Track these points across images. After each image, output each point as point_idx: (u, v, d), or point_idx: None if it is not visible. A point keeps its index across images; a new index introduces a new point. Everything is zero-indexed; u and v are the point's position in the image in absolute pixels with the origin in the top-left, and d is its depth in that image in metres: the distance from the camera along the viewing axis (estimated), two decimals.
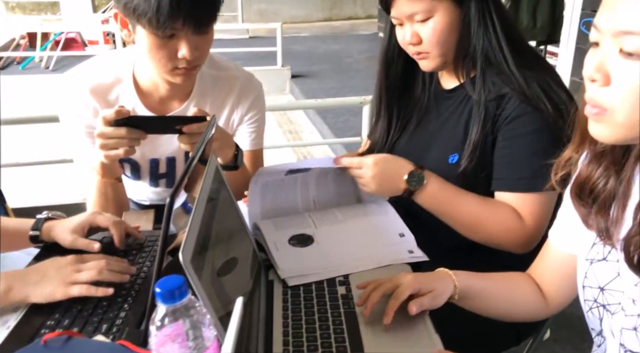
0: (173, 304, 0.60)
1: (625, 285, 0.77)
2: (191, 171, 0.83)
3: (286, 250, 1.06)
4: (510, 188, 1.12)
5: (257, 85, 1.40)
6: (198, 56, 1.13)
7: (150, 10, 1.03)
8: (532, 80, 1.09)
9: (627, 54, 0.64)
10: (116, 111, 1.07)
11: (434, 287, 0.88)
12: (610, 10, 0.65)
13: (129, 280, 0.98)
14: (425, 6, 1.09)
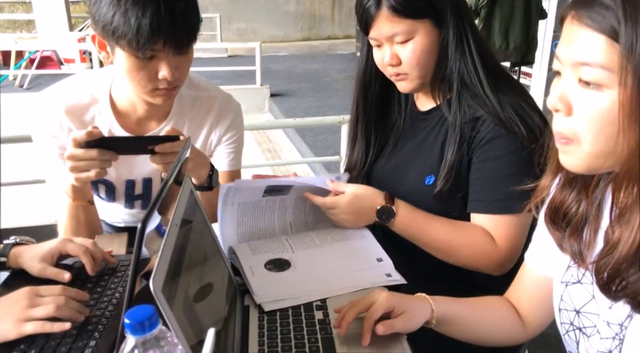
0: (143, 336, 0.58)
1: (600, 307, 0.77)
2: (165, 193, 0.82)
3: (262, 274, 1.04)
4: (485, 210, 1.13)
5: (236, 105, 1.39)
6: (178, 76, 1.12)
7: (130, 32, 1.02)
8: (506, 104, 1.11)
9: (585, 84, 0.66)
10: (87, 132, 1.05)
11: (407, 307, 0.87)
12: (568, 43, 0.67)
13: (100, 307, 0.95)
14: (406, 27, 1.10)
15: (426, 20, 1.10)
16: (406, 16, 1.09)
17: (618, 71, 0.62)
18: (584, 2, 0.66)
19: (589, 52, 0.65)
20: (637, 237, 0.65)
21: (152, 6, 1.01)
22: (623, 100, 0.63)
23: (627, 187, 0.66)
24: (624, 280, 0.68)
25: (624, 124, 0.63)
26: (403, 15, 1.08)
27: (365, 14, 1.12)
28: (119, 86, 1.23)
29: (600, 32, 0.64)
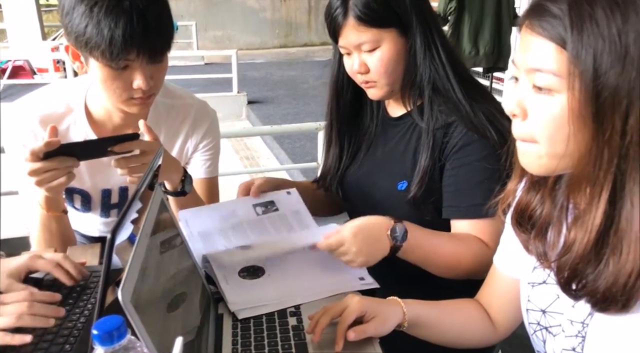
0: (111, 346, 0.58)
1: (564, 307, 0.79)
2: (136, 202, 0.82)
3: (236, 282, 1.04)
4: (463, 215, 1.14)
5: (212, 113, 1.39)
6: (153, 85, 1.12)
7: (103, 43, 1.02)
8: (477, 109, 1.13)
9: (538, 89, 0.69)
10: (45, 143, 1.02)
11: (379, 311, 0.88)
12: (523, 50, 0.70)
13: (72, 319, 0.94)
14: (372, 36, 1.11)
15: (392, 29, 1.12)
16: (372, 25, 1.10)
17: (566, 77, 0.65)
18: (536, 11, 0.68)
19: (541, 59, 0.68)
20: (592, 237, 0.68)
21: (124, 16, 1.01)
22: (572, 104, 0.65)
23: (581, 189, 0.69)
24: (582, 279, 0.70)
25: (574, 127, 0.66)
26: (369, 24, 1.10)
27: (333, 22, 1.14)
28: (94, 95, 1.22)
29: (550, 40, 0.66)
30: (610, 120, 0.64)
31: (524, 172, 0.82)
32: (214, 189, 1.42)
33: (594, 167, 0.66)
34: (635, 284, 0.65)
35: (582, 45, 0.63)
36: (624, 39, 0.62)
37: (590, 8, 0.63)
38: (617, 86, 0.63)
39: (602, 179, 0.66)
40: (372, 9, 1.09)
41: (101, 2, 1.01)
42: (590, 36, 0.63)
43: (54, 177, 1.05)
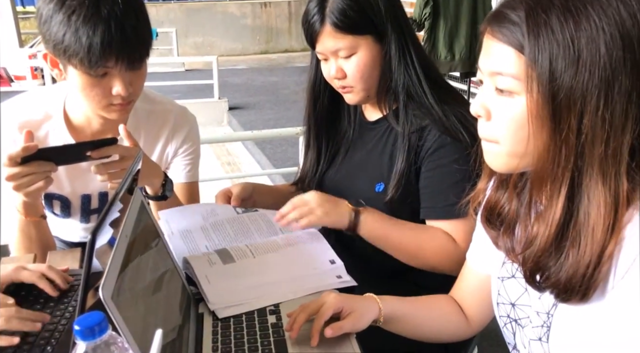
0: (93, 341, 0.60)
1: (531, 299, 0.83)
2: (115, 206, 0.84)
3: (218, 282, 1.06)
4: (439, 216, 1.18)
5: (191, 118, 1.41)
6: (132, 92, 1.14)
7: (82, 51, 1.03)
8: (449, 113, 1.17)
9: (500, 91, 0.73)
10: (23, 148, 1.03)
11: (356, 307, 0.91)
12: (485, 55, 0.74)
13: (53, 321, 0.95)
14: (348, 43, 1.15)
15: (367, 36, 1.16)
16: (348, 32, 1.14)
17: (524, 80, 0.69)
18: (496, 18, 0.72)
19: (501, 63, 0.71)
20: (552, 231, 0.71)
21: (102, 24, 1.03)
22: (530, 105, 0.69)
23: (542, 186, 0.72)
24: (545, 272, 0.74)
25: (533, 127, 0.70)
26: (345, 31, 1.13)
27: (311, 29, 1.17)
28: (73, 102, 1.24)
29: (509, 45, 0.70)
30: (567, 120, 0.67)
31: (492, 171, 0.86)
32: (194, 194, 1.44)
33: (553, 164, 0.69)
34: (593, 275, 0.69)
35: (539, 50, 0.67)
36: (577, 43, 0.66)
37: (545, 15, 0.67)
38: (571, 88, 0.66)
39: (560, 176, 0.69)
40: (349, 17, 1.12)
41: (79, 10, 1.02)
42: (545, 41, 0.67)
43: (31, 181, 1.05)
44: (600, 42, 0.65)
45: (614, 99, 0.66)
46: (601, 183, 0.67)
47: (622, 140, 0.67)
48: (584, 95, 0.66)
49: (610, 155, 0.67)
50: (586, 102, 0.66)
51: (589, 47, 0.65)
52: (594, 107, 0.66)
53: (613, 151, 0.67)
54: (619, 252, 0.68)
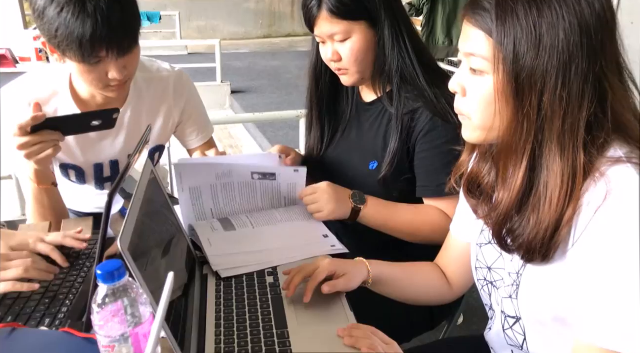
0: (113, 284, 0.68)
1: (505, 262, 0.92)
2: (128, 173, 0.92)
3: (219, 246, 1.15)
4: (433, 194, 1.27)
5: (188, 80, 1.51)
6: (127, 73, 1.21)
7: (74, 45, 1.10)
8: (440, 96, 1.24)
9: (473, 71, 0.80)
10: (32, 118, 1.10)
11: (348, 270, 1.00)
12: (463, 37, 0.82)
13: (71, 280, 1.04)
14: (343, 28, 1.22)
15: (362, 21, 1.22)
16: (343, 18, 1.20)
17: (492, 60, 0.76)
18: (472, 5, 0.80)
19: (474, 45, 0.79)
20: (514, 197, 0.79)
21: (90, 19, 1.09)
22: (497, 84, 0.77)
23: (506, 157, 0.80)
24: (510, 234, 0.82)
25: (499, 103, 0.77)
26: (340, 17, 1.20)
27: (309, 14, 1.24)
28: (77, 79, 1.31)
29: (480, 29, 0.78)
30: (528, 97, 0.75)
31: (474, 145, 0.94)
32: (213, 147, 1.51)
33: (516, 137, 0.77)
34: (552, 237, 0.77)
35: (505, 34, 0.75)
36: (539, 29, 0.73)
37: (512, 3, 0.74)
38: (532, 68, 0.74)
39: (522, 148, 0.77)
40: (343, 3, 1.19)
41: (67, 7, 1.09)
42: (511, 27, 0.74)
43: (41, 149, 1.14)
44: (559, 29, 0.72)
45: (571, 79, 0.73)
46: (559, 156, 0.75)
47: (579, 117, 0.74)
48: (544, 76, 0.73)
49: (568, 130, 0.74)
50: (546, 82, 0.73)
51: (550, 33, 0.73)
52: (552, 86, 0.73)
53: (570, 127, 0.74)
54: (577, 217, 0.75)
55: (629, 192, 0.71)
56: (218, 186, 1.29)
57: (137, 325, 0.70)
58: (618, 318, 0.71)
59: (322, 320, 0.94)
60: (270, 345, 0.88)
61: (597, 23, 0.74)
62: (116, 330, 0.69)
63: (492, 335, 1.00)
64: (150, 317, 0.72)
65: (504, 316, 0.93)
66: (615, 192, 0.72)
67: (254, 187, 1.32)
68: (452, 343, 1.26)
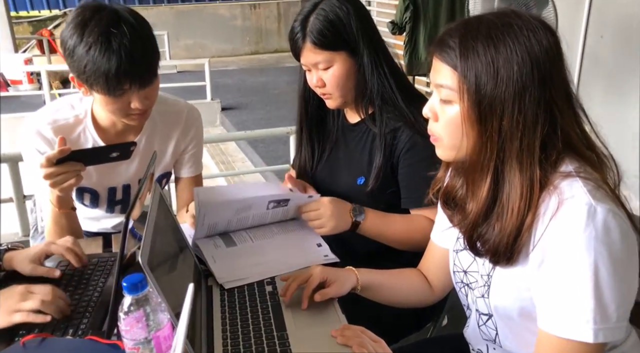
0: (136, 294, 0.80)
1: (478, 266, 1.03)
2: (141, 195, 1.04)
3: (222, 261, 1.26)
4: (417, 205, 1.39)
5: (198, 116, 1.63)
6: (148, 103, 1.33)
7: (101, 80, 1.22)
8: (418, 115, 1.36)
9: (442, 101, 0.93)
10: (60, 151, 1.21)
11: (338, 277, 1.12)
12: (433, 71, 0.94)
13: (88, 294, 1.14)
14: (325, 57, 1.34)
15: (342, 51, 1.34)
16: (324, 49, 1.33)
17: (458, 91, 0.88)
18: (439, 43, 0.91)
19: (442, 78, 0.90)
20: (480, 207, 0.91)
21: (115, 56, 1.21)
22: (462, 111, 0.88)
23: (473, 173, 0.92)
24: (479, 239, 0.94)
25: (465, 127, 0.89)
26: (322, 47, 1.32)
27: (294, 44, 1.37)
28: (98, 108, 1.42)
29: (447, 64, 0.89)
30: (490, 122, 0.86)
31: (448, 162, 1.06)
32: (199, 184, 1.66)
33: (480, 156, 0.89)
34: (515, 242, 0.88)
35: (467, 68, 0.86)
36: (496, 63, 0.85)
37: (473, 42, 0.87)
38: (492, 97, 0.85)
39: (486, 165, 0.89)
40: (324, 35, 1.31)
41: (95, 46, 1.21)
42: (472, 62, 0.86)
43: (65, 179, 1.25)
44: (513, 62, 0.84)
45: (525, 105, 0.85)
46: (519, 171, 0.87)
47: (534, 137, 0.86)
48: (502, 103, 0.85)
49: (525, 149, 0.86)
50: (504, 108, 0.85)
51: (505, 66, 0.84)
52: (510, 112, 0.85)
53: (527, 146, 0.86)
54: (536, 225, 0.87)
55: (575, 202, 0.83)
56: (234, 219, 1.38)
57: (157, 329, 0.81)
58: (570, 310, 0.84)
59: (317, 322, 1.06)
60: (271, 345, 0.99)
61: (545, 57, 0.85)
62: (140, 334, 0.80)
63: (469, 332, 1.12)
64: (168, 323, 0.83)
65: (478, 314, 1.05)
66: (565, 202, 0.84)
67: (267, 213, 1.41)
68: (435, 341, 1.38)
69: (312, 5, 1.36)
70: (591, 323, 0.82)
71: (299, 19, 1.36)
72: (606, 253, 0.81)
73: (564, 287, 0.84)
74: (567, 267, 0.83)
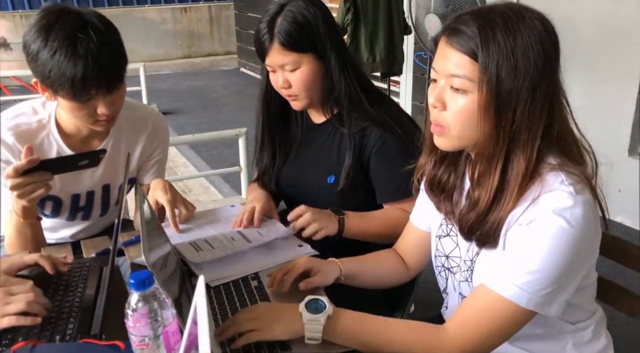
0: (143, 291, 0.80)
1: (461, 252, 1.09)
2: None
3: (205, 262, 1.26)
4: (392, 199, 1.45)
5: (165, 125, 1.61)
6: (115, 109, 1.30)
7: (66, 85, 1.19)
8: (383, 114, 1.42)
9: (455, 90, 0.92)
10: (28, 161, 1.16)
11: (322, 268, 1.15)
12: (443, 59, 0.93)
13: (68, 300, 1.12)
14: (293, 59, 1.37)
15: (310, 54, 1.37)
16: (292, 50, 1.35)
17: (477, 82, 0.88)
18: (453, 31, 0.90)
19: (458, 68, 0.90)
20: (491, 195, 0.93)
21: (81, 61, 1.18)
22: (480, 101, 0.89)
23: (483, 161, 0.94)
24: (479, 229, 0.97)
25: (480, 117, 0.90)
26: (290, 49, 1.35)
27: (261, 45, 1.39)
28: (63, 112, 1.37)
29: (465, 54, 0.89)
30: (505, 113, 0.88)
31: (432, 150, 1.08)
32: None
33: (493, 145, 0.91)
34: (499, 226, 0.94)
35: (489, 59, 0.86)
36: (515, 55, 0.85)
37: (492, 32, 0.86)
38: (510, 89, 0.86)
39: (498, 154, 0.91)
40: (293, 37, 1.34)
41: (60, 50, 1.18)
42: (494, 52, 0.86)
43: (34, 189, 1.20)
44: (530, 54, 0.86)
45: (538, 97, 0.87)
46: (522, 160, 0.90)
47: (538, 128, 0.89)
48: (518, 95, 0.87)
49: (530, 139, 0.89)
50: (519, 100, 0.87)
51: (523, 58, 0.86)
52: (523, 103, 0.87)
53: (533, 136, 0.89)
54: (518, 209, 0.91)
55: (557, 191, 0.89)
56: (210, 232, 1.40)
57: (165, 325, 0.82)
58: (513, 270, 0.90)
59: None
60: None
61: (552, 50, 0.89)
62: (147, 329, 0.81)
63: (449, 313, 1.18)
64: (174, 319, 0.84)
65: (461, 297, 1.10)
66: (548, 191, 0.89)
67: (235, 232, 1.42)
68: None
69: (278, 7, 1.38)
70: (528, 289, 0.88)
71: (265, 20, 1.38)
72: (571, 238, 0.87)
73: (517, 251, 0.91)
74: (528, 236, 0.89)
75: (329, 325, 0.97)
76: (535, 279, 0.89)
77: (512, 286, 0.90)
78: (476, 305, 0.95)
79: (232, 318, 1.01)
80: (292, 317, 0.98)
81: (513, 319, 0.92)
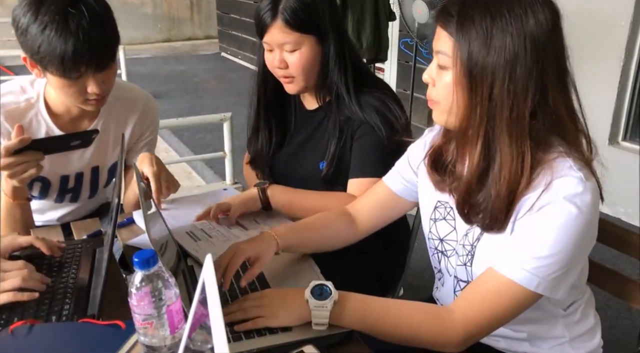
0: (148, 269, 0.80)
1: (458, 236, 1.09)
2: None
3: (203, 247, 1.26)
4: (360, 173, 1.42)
5: (155, 105, 1.58)
6: (105, 88, 1.28)
7: (56, 61, 1.16)
8: (370, 108, 1.41)
9: (440, 66, 0.96)
10: (19, 140, 1.14)
11: (259, 252, 1.10)
12: (435, 37, 0.96)
13: (62, 281, 1.11)
14: (295, 38, 1.35)
15: (311, 36, 1.36)
16: (295, 29, 1.33)
17: (452, 57, 0.91)
18: (441, 11, 0.94)
19: (441, 44, 0.94)
20: (473, 171, 0.95)
21: (72, 37, 1.15)
22: (455, 77, 0.91)
23: (463, 137, 0.97)
24: (474, 207, 0.97)
25: (457, 93, 0.92)
26: (293, 28, 1.33)
27: (262, 22, 1.36)
28: (52, 91, 1.34)
29: (446, 31, 0.92)
30: (480, 89, 0.89)
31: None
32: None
33: (470, 122, 0.93)
34: (507, 210, 0.94)
35: (462, 36, 0.89)
36: (490, 33, 0.87)
37: (471, 11, 0.89)
38: (483, 65, 0.88)
39: (476, 132, 0.92)
40: (298, 16, 1.32)
41: (51, 25, 1.15)
42: (467, 30, 0.89)
43: (25, 169, 1.18)
44: (507, 33, 0.87)
45: (517, 75, 0.87)
46: (509, 140, 0.90)
47: (524, 107, 0.89)
48: (493, 72, 0.88)
49: (515, 118, 0.90)
50: (495, 77, 0.88)
51: (499, 36, 0.87)
52: (500, 80, 0.88)
53: (517, 116, 0.90)
54: (528, 195, 0.92)
55: (569, 177, 0.90)
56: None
57: (169, 304, 0.82)
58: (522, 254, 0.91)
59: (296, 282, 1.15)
60: None
61: (540, 31, 0.89)
62: (151, 308, 0.81)
63: (442, 294, 1.19)
64: (178, 298, 0.84)
65: (457, 280, 1.11)
66: (558, 177, 0.91)
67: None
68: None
69: None
70: (538, 273, 0.90)
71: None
72: (580, 223, 0.89)
73: (527, 236, 0.92)
74: (539, 221, 0.91)
75: (335, 310, 0.97)
76: (545, 264, 0.90)
77: (521, 270, 0.91)
78: (485, 288, 0.96)
79: (237, 303, 1.01)
80: (298, 304, 0.98)
81: (520, 302, 0.94)
